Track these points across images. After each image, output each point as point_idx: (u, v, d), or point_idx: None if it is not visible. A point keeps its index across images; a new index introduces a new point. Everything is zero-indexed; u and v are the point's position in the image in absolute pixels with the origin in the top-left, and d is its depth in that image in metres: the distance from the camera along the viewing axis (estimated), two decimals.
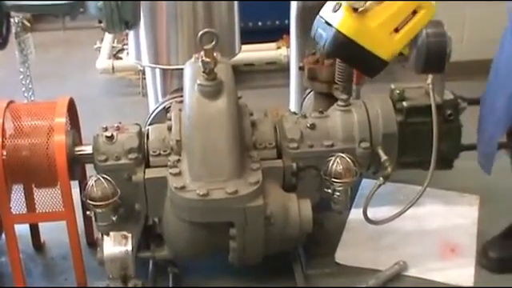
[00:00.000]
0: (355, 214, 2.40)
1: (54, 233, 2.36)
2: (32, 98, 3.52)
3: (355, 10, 1.96)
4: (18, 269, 2.14)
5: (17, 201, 2.22)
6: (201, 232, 2.03)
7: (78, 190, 2.20)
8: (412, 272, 2.24)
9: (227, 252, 2.07)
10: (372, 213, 2.18)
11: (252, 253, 2.07)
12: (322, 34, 2.01)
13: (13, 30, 2.99)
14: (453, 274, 2.23)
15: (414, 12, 1.99)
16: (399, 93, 2.19)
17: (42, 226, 2.42)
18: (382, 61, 2.01)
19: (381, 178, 2.11)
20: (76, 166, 2.16)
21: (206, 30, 1.99)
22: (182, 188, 1.97)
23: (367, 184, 2.36)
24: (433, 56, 2.04)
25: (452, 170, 2.33)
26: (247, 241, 2.01)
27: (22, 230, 2.30)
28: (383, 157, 2.12)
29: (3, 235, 2.16)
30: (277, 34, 4.47)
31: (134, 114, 2.62)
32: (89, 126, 2.33)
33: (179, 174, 2.01)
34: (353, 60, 2.08)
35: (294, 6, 2.94)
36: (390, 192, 2.46)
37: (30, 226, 2.38)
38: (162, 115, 2.43)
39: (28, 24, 3.17)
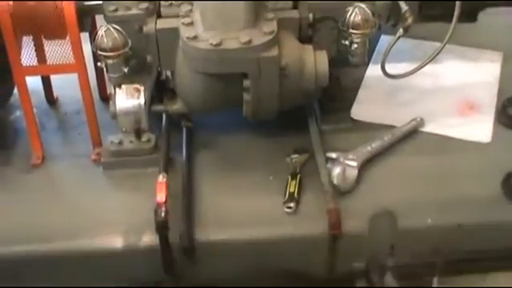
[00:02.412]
0: (372, 70, 2.33)
1: (66, 89, 2.34)
2: None
3: None
4: (31, 121, 2.14)
5: (27, 54, 2.17)
6: (214, 84, 1.99)
7: (89, 45, 2.15)
8: (428, 128, 2.20)
9: (241, 106, 2.03)
10: (390, 69, 2.12)
11: (266, 106, 2.03)
12: None
13: None
14: (470, 130, 2.19)
15: None
16: None
17: (54, 83, 2.39)
18: None
19: (401, 30, 2.04)
20: (85, 16, 2.09)
21: None
22: (195, 38, 1.90)
23: (385, 42, 2.28)
24: None
25: (475, 27, 2.25)
26: (261, 93, 1.97)
27: (35, 86, 2.28)
28: (404, 7, 2.03)
29: (16, 90, 2.15)
30: None
31: None
32: None
33: (191, 23, 1.94)
34: None
35: None
36: (408, 48, 2.39)
37: (43, 80, 2.35)
38: None
39: None
